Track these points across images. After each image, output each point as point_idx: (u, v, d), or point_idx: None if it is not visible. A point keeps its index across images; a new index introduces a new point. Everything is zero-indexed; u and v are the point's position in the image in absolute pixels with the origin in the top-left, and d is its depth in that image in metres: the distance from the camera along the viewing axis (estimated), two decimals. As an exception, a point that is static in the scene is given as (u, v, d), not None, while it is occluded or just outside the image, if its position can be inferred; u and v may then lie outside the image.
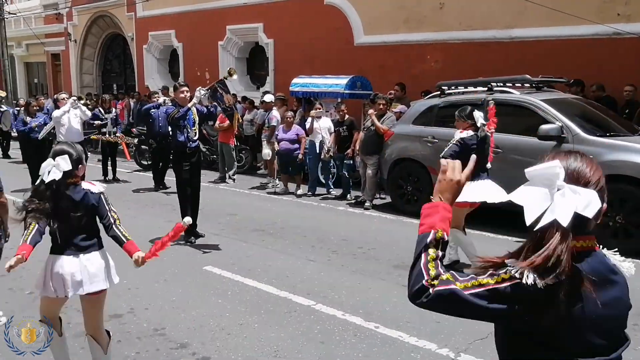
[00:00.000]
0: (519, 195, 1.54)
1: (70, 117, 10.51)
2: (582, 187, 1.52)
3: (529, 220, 1.51)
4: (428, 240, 1.62)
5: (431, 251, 1.61)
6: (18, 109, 16.24)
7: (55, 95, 13.15)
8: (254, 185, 11.70)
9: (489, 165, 6.29)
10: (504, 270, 1.53)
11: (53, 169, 3.34)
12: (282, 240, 7.49)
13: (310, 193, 10.51)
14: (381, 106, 9.38)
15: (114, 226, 3.49)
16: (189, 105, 7.21)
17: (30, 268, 6.08)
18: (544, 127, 7.16)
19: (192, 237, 7.36)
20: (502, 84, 8.19)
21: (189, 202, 7.43)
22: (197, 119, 7.33)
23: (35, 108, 12.05)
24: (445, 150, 6.09)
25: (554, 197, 1.50)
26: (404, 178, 8.96)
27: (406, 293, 1.66)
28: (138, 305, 5.24)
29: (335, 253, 6.85)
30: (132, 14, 20.27)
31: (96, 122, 12.10)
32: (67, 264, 3.42)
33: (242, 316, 4.97)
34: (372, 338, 4.51)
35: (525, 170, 1.56)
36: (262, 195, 10.71)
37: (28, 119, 11.59)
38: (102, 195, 3.51)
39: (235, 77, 7.65)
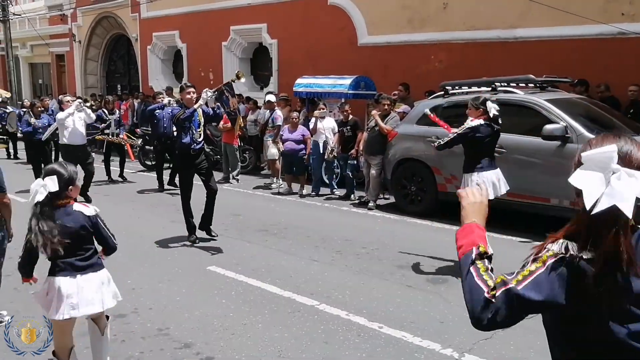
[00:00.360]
0: (576, 179, 1.52)
1: (75, 119, 10.47)
2: (636, 170, 1.50)
3: (589, 204, 1.49)
4: (473, 256, 1.63)
5: (479, 264, 1.61)
6: (24, 110, 16.28)
7: (59, 97, 13.16)
8: (257, 185, 11.71)
9: None
10: (545, 250, 1.54)
11: (41, 189, 3.31)
12: (285, 240, 7.49)
13: (313, 193, 10.52)
14: (385, 106, 9.37)
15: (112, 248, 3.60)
16: (195, 106, 7.10)
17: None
18: (548, 127, 7.14)
19: (195, 237, 7.33)
20: (506, 84, 8.18)
21: (208, 204, 7.40)
22: (202, 120, 7.24)
23: (39, 109, 12.05)
24: (443, 139, 6.18)
25: (610, 181, 1.48)
26: (407, 178, 8.96)
27: (410, 293, 1.66)
28: (142, 305, 5.24)
29: (339, 253, 6.85)
30: (136, 14, 20.31)
31: (101, 125, 12.14)
32: (64, 286, 3.39)
33: (246, 316, 4.97)
34: (375, 338, 4.51)
35: (582, 153, 1.54)
36: (265, 196, 10.71)
37: (32, 119, 11.60)
38: (98, 218, 3.48)
39: (243, 79, 7.59)
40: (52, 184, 3.32)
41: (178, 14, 18.39)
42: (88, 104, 11.27)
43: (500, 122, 6.19)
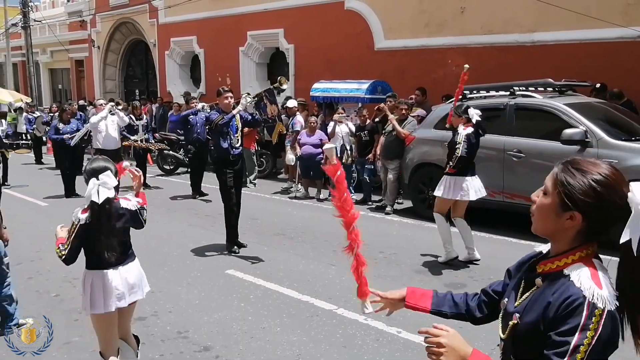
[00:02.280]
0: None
1: (108, 123, 10.41)
2: None
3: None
4: None
5: None
6: (50, 115, 16.40)
7: (93, 101, 13.13)
8: (275, 189, 11.75)
9: None
10: (588, 315, 1.48)
11: (101, 188, 3.31)
12: (303, 244, 7.51)
13: (330, 197, 10.49)
14: (403, 111, 9.37)
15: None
16: (234, 112, 6.93)
17: (56, 271, 6.21)
18: (568, 131, 7.09)
19: (235, 247, 7.17)
20: (524, 88, 8.13)
21: (235, 211, 7.23)
22: (240, 125, 7.09)
23: (69, 115, 12.00)
24: (460, 149, 6.30)
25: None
26: (425, 183, 8.94)
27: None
28: (161, 308, 5.29)
29: (357, 258, 6.83)
30: (154, 20, 20.52)
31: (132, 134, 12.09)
32: (109, 278, 3.43)
33: (265, 320, 4.99)
34: (394, 343, 4.50)
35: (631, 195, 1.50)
36: (283, 200, 10.75)
37: (61, 125, 11.57)
38: (138, 211, 3.55)
39: (285, 86, 7.30)
40: (112, 180, 3.35)
41: (195, 20, 18.55)
42: (120, 107, 11.14)
43: (484, 128, 6.54)
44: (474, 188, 6.42)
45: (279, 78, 7.29)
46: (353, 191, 10.56)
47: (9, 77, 27.87)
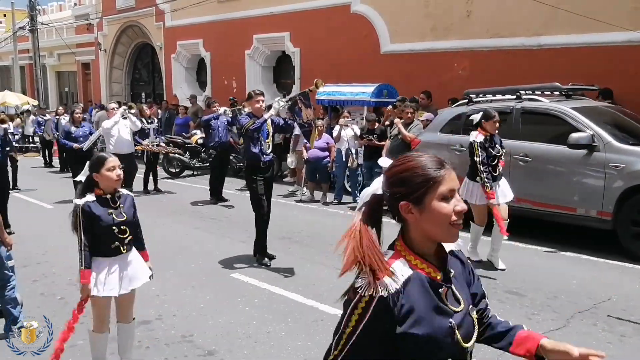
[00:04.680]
0: None
1: (120, 127, 10.26)
2: None
3: None
4: None
5: None
6: (57, 117, 16.35)
7: (102, 104, 12.96)
8: (280, 193, 11.72)
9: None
10: None
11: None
12: (308, 248, 7.49)
13: (336, 201, 10.50)
14: (409, 114, 9.35)
15: None
16: (266, 116, 6.66)
17: (61, 274, 6.22)
18: (575, 135, 7.04)
19: (267, 259, 6.86)
20: (531, 92, 8.10)
21: (266, 220, 6.92)
22: (271, 130, 6.85)
23: (79, 117, 11.77)
24: (482, 179, 6.39)
25: None
26: (430, 187, 8.89)
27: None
28: (166, 312, 5.28)
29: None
30: (160, 23, 20.58)
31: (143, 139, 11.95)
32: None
33: (270, 324, 4.98)
34: (399, 348, 4.47)
35: None
36: (288, 203, 10.72)
37: (73, 128, 11.24)
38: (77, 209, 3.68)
39: (322, 89, 7.12)
40: (85, 169, 3.74)
41: (202, 23, 18.58)
42: (133, 111, 10.98)
43: None
44: (501, 192, 6.52)
45: (315, 80, 6.98)
46: (358, 194, 10.53)
47: (16, 80, 28.02)
